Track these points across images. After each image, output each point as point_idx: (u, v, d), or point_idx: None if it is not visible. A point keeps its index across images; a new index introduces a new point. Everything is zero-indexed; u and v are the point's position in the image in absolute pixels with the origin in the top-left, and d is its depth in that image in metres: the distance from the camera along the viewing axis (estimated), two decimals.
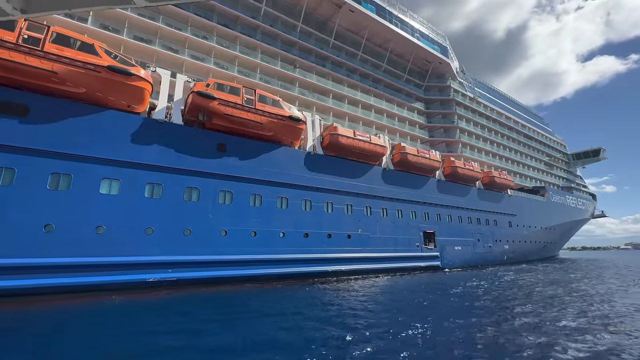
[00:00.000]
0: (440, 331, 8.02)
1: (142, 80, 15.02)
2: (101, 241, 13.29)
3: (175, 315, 10.37)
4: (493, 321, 9.14)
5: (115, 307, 11.52)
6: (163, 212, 14.91)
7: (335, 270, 19.89)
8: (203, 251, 15.66)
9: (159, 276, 14.13)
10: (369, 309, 10.79)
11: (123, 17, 19.42)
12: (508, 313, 10.37)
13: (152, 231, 14.47)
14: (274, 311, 10.79)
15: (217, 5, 23.69)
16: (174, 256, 14.80)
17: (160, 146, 15.51)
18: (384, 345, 6.88)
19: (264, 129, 18.44)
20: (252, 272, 16.80)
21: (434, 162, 27.60)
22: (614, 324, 8.64)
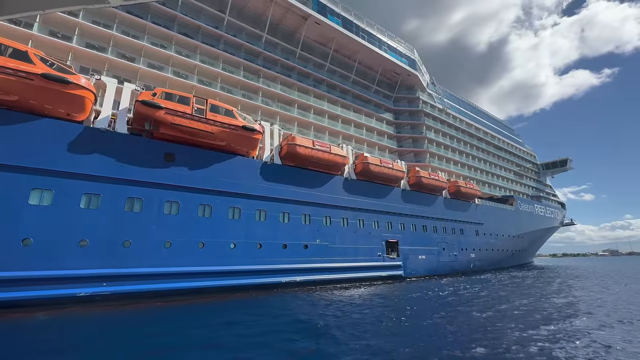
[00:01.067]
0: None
1: (82, 89, 14.73)
2: (29, 254, 12.75)
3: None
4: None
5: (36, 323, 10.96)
6: (100, 224, 14.47)
7: (289, 281, 19.67)
8: (144, 263, 15.23)
9: (91, 290, 13.61)
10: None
11: (73, 24, 19.16)
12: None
13: (87, 243, 14.00)
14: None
15: (179, 15, 23.72)
16: (111, 269, 14.33)
17: (100, 155, 15.15)
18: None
19: (215, 139, 18.32)
20: (199, 285, 16.42)
21: (397, 172, 27.98)
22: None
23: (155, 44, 22.17)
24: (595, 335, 8.72)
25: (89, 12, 20.04)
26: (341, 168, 24.84)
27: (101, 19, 20.59)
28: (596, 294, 18.01)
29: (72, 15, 19.16)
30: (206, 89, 23.23)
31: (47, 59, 14.16)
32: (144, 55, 21.38)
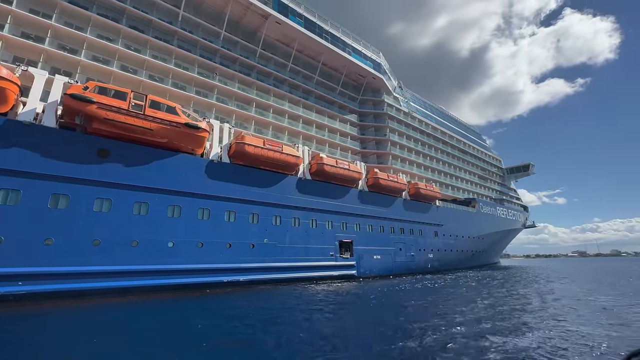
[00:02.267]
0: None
1: (3, 80, 14.14)
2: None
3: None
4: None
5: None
6: (18, 221, 13.91)
7: (232, 280, 19.56)
8: (69, 262, 14.76)
9: (2, 290, 13.05)
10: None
11: (5, 11, 18.32)
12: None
13: (2, 240, 13.42)
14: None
15: (129, 9, 23.12)
16: (28, 267, 13.80)
17: (21, 149, 14.56)
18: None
19: (155, 136, 17.99)
20: (129, 284, 16.07)
21: (354, 173, 28.36)
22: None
23: (101, 36, 21.53)
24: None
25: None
26: (295, 168, 24.92)
27: (40, 8, 19.81)
28: (523, 288, 18.90)
29: (6, 2, 18.34)
30: (156, 84, 22.78)
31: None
32: (87, 48, 20.72)
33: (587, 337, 8.21)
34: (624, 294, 17.62)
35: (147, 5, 24.38)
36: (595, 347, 7.29)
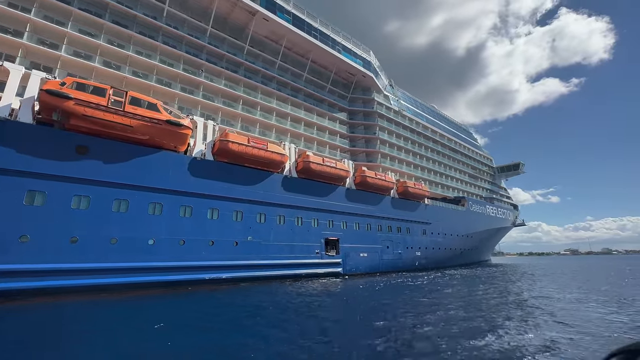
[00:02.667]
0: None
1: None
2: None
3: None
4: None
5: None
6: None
7: (214, 278, 19.57)
8: (44, 259, 14.66)
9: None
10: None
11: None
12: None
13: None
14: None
15: (111, 3, 22.84)
16: (2, 265, 13.68)
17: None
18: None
19: (136, 133, 17.85)
20: (106, 281, 16.01)
21: (341, 171, 28.41)
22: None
23: (83, 31, 21.27)
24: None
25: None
26: (280, 166, 24.89)
27: (19, 2, 19.49)
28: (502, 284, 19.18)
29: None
30: (139, 81, 22.59)
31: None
32: (68, 43, 20.45)
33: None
34: (591, 290, 17.97)
35: (131, 0, 24.09)
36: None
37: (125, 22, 23.48)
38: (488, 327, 9.26)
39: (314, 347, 7.48)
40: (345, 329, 9.79)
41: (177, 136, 19.41)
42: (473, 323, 9.75)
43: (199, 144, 21.34)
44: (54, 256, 14.84)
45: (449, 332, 8.61)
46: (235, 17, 28.97)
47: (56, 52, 19.74)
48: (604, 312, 11.39)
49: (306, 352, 7.07)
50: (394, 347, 7.36)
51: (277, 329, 9.43)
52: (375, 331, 8.91)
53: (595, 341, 7.69)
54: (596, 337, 8.03)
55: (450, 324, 9.66)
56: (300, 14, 31.46)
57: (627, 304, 13.08)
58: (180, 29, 26.08)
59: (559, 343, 7.51)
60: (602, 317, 10.67)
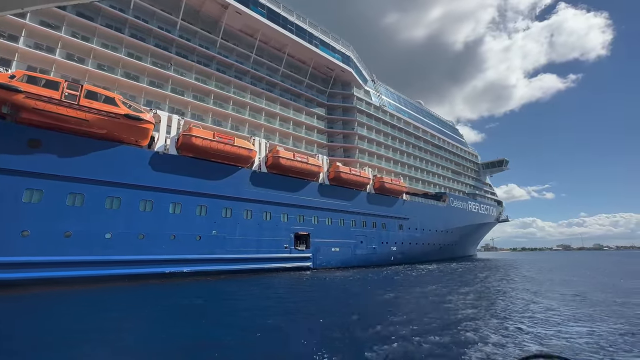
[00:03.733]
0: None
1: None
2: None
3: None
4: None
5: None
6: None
7: (174, 272, 19.75)
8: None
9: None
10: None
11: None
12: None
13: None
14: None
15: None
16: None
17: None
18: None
19: (92, 127, 17.83)
20: (60, 274, 16.13)
21: (313, 166, 28.53)
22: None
23: (45, 23, 21.02)
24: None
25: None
26: (249, 161, 24.95)
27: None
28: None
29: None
30: (104, 74, 22.45)
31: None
32: (27, 35, 20.25)
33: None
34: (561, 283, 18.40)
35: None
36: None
37: (90, 15, 23.21)
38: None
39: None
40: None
41: (137, 130, 19.39)
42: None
43: (162, 138, 21.33)
44: (3, 249, 14.93)
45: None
46: (207, 9, 28.69)
47: (14, 44, 19.52)
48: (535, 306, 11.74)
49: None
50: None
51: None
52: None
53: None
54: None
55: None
56: (275, 8, 31.20)
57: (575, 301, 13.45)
58: (150, 22, 25.80)
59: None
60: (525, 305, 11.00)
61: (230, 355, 6.67)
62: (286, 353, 6.92)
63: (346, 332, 8.23)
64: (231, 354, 6.75)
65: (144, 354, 6.85)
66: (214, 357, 6.46)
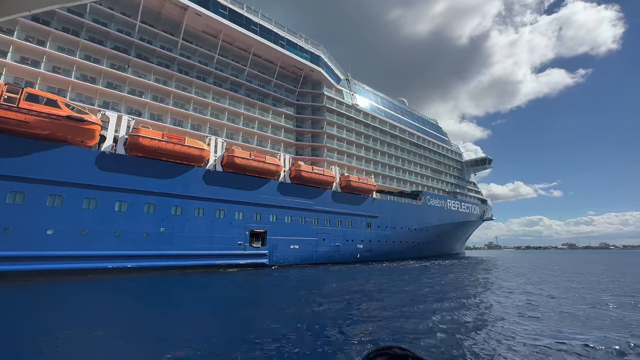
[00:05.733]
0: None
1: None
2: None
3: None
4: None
5: None
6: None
7: (117, 267, 20.57)
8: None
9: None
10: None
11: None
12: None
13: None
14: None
15: None
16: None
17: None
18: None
19: (34, 128, 18.65)
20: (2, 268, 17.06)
21: (271, 165, 29.07)
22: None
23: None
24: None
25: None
26: (202, 160, 25.60)
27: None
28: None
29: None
30: (57, 77, 23.27)
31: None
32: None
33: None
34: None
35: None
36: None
37: (46, 19, 24.01)
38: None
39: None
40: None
41: (82, 131, 20.17)
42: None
43: (109, 138, 22.10)
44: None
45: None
46: (167, 12, 29.32)
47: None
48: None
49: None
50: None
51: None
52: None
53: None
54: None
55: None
56: (237, 9, 31.66)
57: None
58: (108, 25, 26.54)
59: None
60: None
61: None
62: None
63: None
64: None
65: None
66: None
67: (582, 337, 7.33)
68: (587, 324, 8.70)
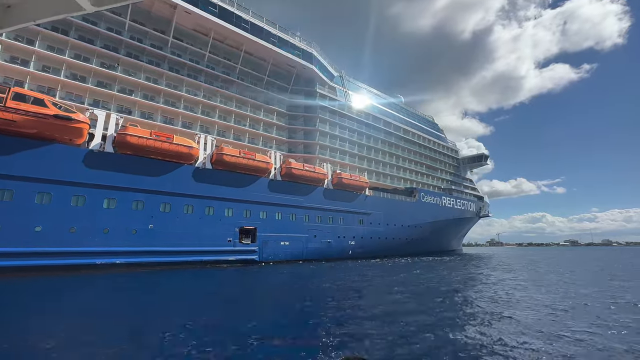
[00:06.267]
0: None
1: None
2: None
3: None
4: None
5: None
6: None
7: (106, 263, 20.98)
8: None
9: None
10: None
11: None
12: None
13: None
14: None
15: None
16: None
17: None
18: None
19: (22, 127, 18.97)
20: None
21: (261, 163, 29.31)
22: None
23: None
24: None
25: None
26: (192, 158, 25.89)
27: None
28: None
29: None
30: (47, 76, 23.59)
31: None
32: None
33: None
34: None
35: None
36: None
37: None
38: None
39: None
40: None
41: (70, 130, 20.49)
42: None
43: (97, 137, 22.41)
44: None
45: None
46: (157, 10, 29.47)
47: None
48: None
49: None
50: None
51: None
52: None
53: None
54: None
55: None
56: (227, 6, 31.73)
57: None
58: (98, 24, 26.76)
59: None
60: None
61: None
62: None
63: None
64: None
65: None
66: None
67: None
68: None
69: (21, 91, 19.30)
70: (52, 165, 20.04)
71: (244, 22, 32.87)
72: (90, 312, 10.17)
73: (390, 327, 8.02)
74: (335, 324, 8.22)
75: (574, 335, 7.24)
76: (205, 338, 7.10)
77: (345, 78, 46.76)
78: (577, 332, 7.42)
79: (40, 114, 19.32)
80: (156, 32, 29.74)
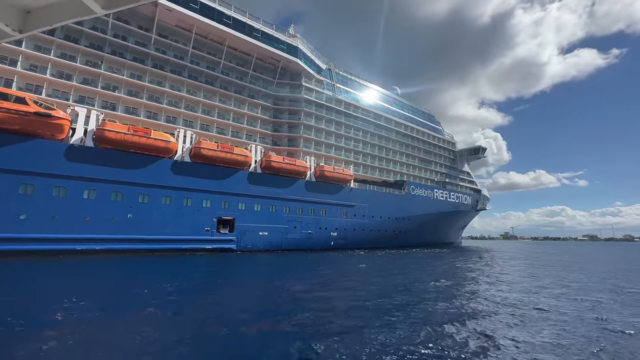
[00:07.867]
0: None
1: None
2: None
3: None
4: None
5: None
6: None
7: (86, 249, 22.80)
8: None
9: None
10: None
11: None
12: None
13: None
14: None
15: None
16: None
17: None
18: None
19: (4, 124, 20.67)
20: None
21: (239, 156, 30.41)
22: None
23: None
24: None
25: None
26: (170, 152, 27.25)
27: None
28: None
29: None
30: (33, 74, 25.22)
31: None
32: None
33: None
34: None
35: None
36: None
37: None
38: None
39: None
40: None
41: (50, 126, 22.11)
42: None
43: (78, 132, 24.00)
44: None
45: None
46: (140, 8, 30.32)
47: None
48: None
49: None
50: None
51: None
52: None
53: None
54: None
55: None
56: (209, 2, 32.40)
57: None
58: (83, 24, 28.09)
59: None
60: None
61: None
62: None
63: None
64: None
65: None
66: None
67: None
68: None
69: (3, 90, 20.95)
70: (34, 158, 21.77)
71: (225, 17, 33.54)
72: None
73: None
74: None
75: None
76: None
77: (334, 71, 46.83)
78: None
79: (22, 112, 20.93)
80: (140, 30, 30.90)
